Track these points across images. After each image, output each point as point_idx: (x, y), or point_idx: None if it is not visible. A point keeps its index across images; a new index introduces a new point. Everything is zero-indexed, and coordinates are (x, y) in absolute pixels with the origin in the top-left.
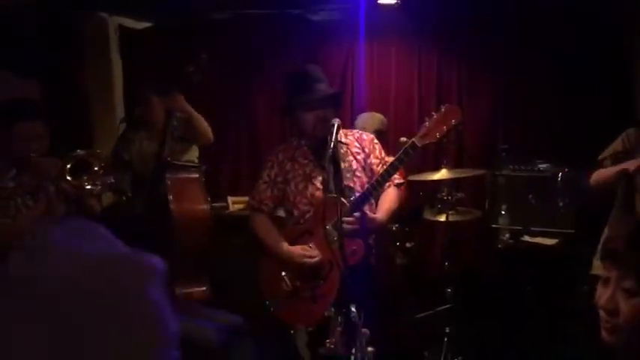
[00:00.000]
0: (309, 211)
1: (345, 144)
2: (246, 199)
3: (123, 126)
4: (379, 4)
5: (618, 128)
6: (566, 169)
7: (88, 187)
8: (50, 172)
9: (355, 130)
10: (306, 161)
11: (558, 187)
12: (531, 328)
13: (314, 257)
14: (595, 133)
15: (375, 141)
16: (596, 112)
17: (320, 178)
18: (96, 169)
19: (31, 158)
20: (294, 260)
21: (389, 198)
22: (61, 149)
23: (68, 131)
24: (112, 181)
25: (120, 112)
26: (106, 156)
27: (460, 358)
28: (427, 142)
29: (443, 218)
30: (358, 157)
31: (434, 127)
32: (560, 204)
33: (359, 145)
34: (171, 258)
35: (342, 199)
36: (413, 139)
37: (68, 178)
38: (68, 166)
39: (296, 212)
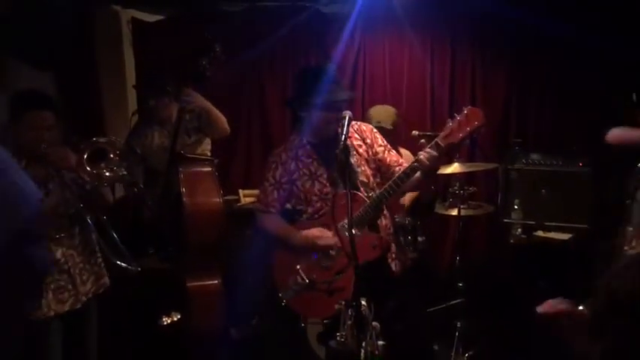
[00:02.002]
0: (322, 208)
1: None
2: (257, 192)
3: (135, 118)
4: None
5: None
6: (580, 164)
7: (107, 174)
8: (61, 162)
9: (353, 122)
10: (310, 160)
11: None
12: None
13: (330, 239)
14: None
15: (375, 130)
16: (612, 107)
17: (325, 176)
18: (112, 156)
19: (41, 148)
20: (311, 242)
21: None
22: (73, 140)
23: (80, 123)
24: (125, 172)
25: (132, 104)
26: (121, 143)
27: (471, 352)
28: (450, 142)
29: (455, 212)
30: (360, 149)
31: (457, 128)
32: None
33: (359, 136)
34: (185, 251)
35: (361, 194)
36: (436, 139)
37: (87, 168)
38: (86, 154)
39: (310, 209)
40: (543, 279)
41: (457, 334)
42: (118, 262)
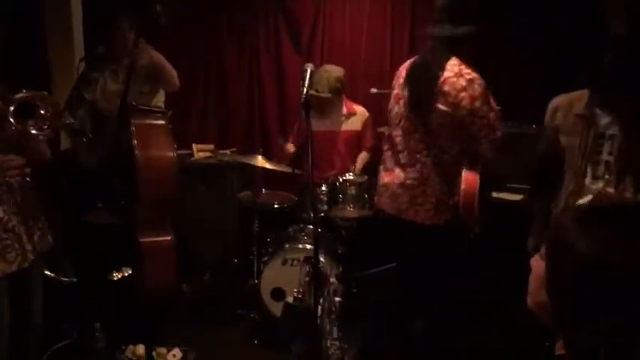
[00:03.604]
0: None
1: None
2: (211, 147)
3: (82, 65)
4: None
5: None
6: (533, 126)
7: (33, 131)
8: None
9: None
10: None
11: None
12: (496, 283)
13: None
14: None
15: None
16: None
17: None
18: (42, 112)
19: None
20: None
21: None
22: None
23: (24, 72)
24: (72, 121)
25: (79, 51)
26: (54, 100)
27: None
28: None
29: None
30: None
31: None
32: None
33: None
34: (136, 205)
35: None
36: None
37: (11, 119)
38: (11, 108)
39: None
40: (498, 239)
41: None
42: (48, 273)
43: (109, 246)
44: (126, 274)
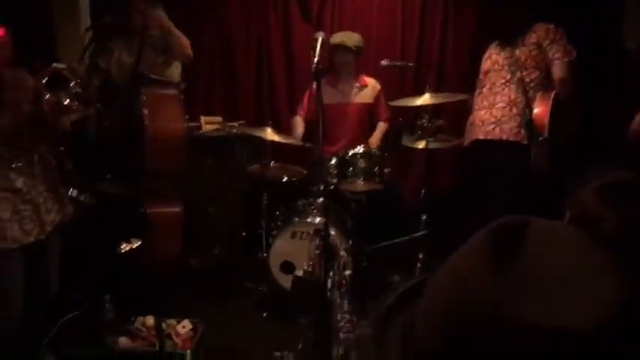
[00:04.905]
0: None
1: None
2: (219, 119)
3: (88, 35)
4: None
5: None
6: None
7: (66, 102)
8: (16, 83)
9: None
10: None
11: None
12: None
13: None
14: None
15: None
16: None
17: None
18: (72, 84)
19: None
20: None
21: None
22: (27, 62)
23: (29, 40)
24: (79, 90)
25: (85, 20)
26: (83, 71)
27: None
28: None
29: (422, 145)
30: None
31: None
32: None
33: None
34: (145, 176)
35: None
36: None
37: (46, 94)
38: (44, 80)
39: None
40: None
41: (419, 265)
42: (71, 193)
43: (118, 217)
44: (134, 246)
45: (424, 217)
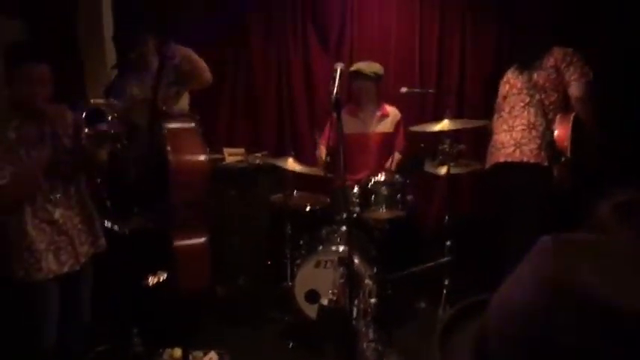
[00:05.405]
0: None
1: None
2: (242, 150)
3: (114, 72)
4: None
5: None
6: None
7: (103, 136)
8: (57, 120)
9: None
10: None
11: None
12: None
13: None
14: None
15: None
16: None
17: None
18: (110, 118)
19: (37, 104)
20: None
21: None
22: (60, 95)
23: (59, 77)
24: (116, 124)
25: (111, 58)
26: (120, 106)
27: None
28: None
29: (444, 171)
30: None
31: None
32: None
33: None
34: (170, 209)
35: None
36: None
37: (86, 129)
38: (84, 114)
39: None
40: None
41: (444, 292)
42: (106, 224)
43: (145, 250)
44: (161, 279)
45: (448, 242)
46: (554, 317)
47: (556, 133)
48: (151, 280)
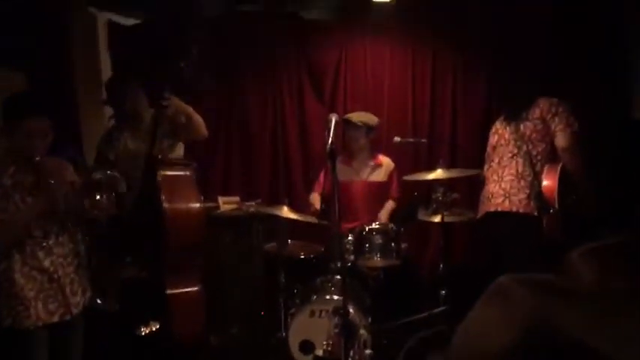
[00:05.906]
0: None
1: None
2: (237, 199)
3: (112, 122)
4: (373, 1)
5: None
6: None
7: (102, 206)
8: (54, 175)
9: None
10: None
11: None
12: None
13: None
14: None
15: None
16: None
17: None
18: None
19: (35, 157)
20: None
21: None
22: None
23: (56, 128)
24: (100, 177)
25: (108, 108)
26: (121, 179)
27: None
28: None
29: (438, 219)
30: None
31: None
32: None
33: None
34: (164, 258)
35: None
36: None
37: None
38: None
39: None
40: None
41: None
42: (97, 301)
43: (138, 300)
44: (154, 329)
45: (443, 291)
46: (533, 356)
47: (544, 184)
48: (144, 330)
